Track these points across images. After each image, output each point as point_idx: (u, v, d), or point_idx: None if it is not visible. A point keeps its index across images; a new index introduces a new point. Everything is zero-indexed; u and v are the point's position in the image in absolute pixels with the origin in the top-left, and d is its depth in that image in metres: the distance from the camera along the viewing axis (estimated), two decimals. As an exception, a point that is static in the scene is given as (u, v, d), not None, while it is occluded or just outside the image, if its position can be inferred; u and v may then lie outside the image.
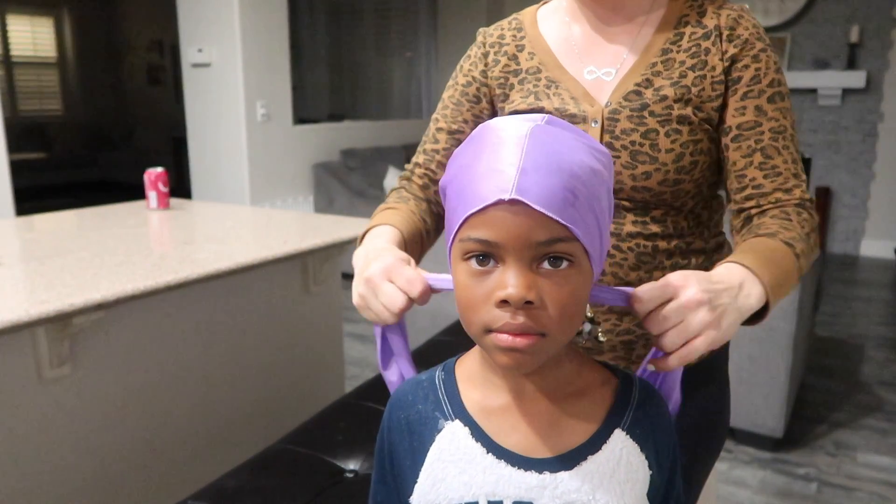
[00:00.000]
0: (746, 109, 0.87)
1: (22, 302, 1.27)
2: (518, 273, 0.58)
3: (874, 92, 5.05)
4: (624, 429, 0.68)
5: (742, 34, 0.88)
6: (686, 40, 0.89)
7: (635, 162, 0.87)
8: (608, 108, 0.89)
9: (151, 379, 1.73)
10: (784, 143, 0.87)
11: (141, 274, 1.46)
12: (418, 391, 0.73)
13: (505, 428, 0.68)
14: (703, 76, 0.88)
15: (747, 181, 0.88)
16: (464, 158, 0.63)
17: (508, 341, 0.59)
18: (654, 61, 0.89)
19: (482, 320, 0.60)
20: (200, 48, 4.20)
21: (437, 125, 1.04)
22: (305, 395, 2.17)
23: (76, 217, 2.16)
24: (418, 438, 0.70)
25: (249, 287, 1.97)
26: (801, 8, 5.14)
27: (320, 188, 4.68)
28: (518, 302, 0.57)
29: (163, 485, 1.76)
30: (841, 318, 3.81)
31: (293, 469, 1.37)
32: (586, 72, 0.93)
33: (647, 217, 0.89)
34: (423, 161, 1.05)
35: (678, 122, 0.87)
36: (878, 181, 5.16)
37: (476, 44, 1.03)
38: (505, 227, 0.57)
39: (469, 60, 1.03)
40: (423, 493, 0.69)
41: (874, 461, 2.35)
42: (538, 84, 0.95)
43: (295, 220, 2.19)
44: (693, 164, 0.87)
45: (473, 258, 0.60)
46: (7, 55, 8.09)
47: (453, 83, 1.04)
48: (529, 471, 0.66)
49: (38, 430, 1.49)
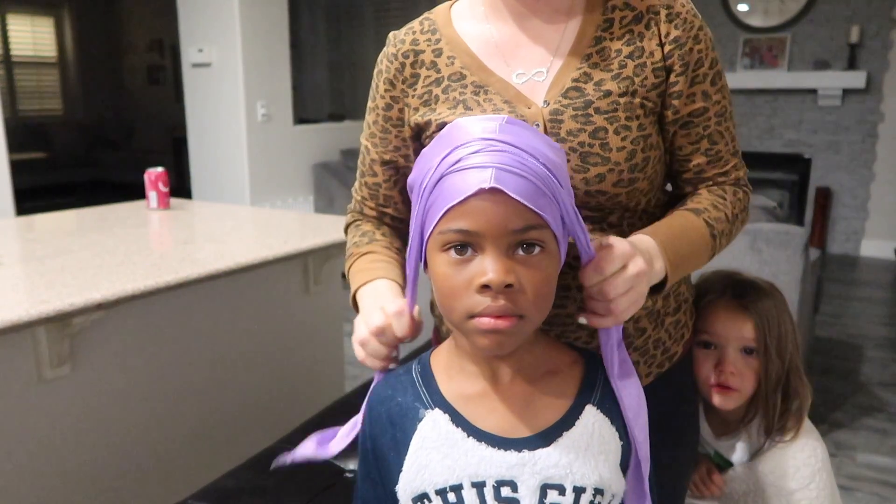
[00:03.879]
0: (695, 96, 0.84)
1: (22, 302, 1.27)
2: (496, 259, 0.62)
3: (874, 92, 5.04)
4: (594, 404, 0.73)
5: (680, 12, 0.82)
6: (617, 26, 0.83)
7: (586, 164, 0.80)
8: (547, 107, 0.81)
9: (151, 379, 1.72)
10: (726, 124, 0.87)
11: (141, 274, 1.46)
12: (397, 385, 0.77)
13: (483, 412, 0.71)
14: (644, 64, 0.82)
15: (691, 167, 0.88)
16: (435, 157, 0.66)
17: (490, 324, 0.63)
18: (589, 52, 0.82)
19: (464, 306, 0.64)
20: (201, 48, 4.20)
21: (371, 156, 0.95)
22: (305, 395, 2.17)
23: (76, 217, 2.16)
24: (400, 430, 0.73)
25: (249, 287, 1.97)
26: (801, 8, 5.14)
27: (320, 188, 4.68)
28: (499, 286, 0.62)
29: (163, 485, 1.76)
30: (841, 318, 3.81)
31: (293, 469, 1.37)
32: (515, 75, 0.84)
33: (603, 223, 0.84)
34: (368, 195, 0.98)
35: (626, 118, 0.80)
36: (878, 181, 5.16)
37: (387, 55, 0.91)
38: (484, 216, 0.62)
39: (383, 77, 0.91)
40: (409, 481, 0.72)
41: (874, 461, 2.35)
42: (464, 91, 0.84)
43: (295, 220, 2.19)
44: (646, 160, 0.82)
45: (452, 248, 0.64)
46: (7, 55, 8.09)
47: (373, 105, 0.94)
48: (509, 450, 0.69)
49: (38, 430, 1.49)
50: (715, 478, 1.10)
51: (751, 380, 1.04)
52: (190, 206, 2.39)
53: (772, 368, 1.03)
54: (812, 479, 1.03)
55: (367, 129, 0.96)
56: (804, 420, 1.06)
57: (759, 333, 1.03)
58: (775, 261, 2.21)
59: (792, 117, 5.32)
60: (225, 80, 4.19)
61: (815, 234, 5.21)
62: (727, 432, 1.11)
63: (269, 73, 4.29)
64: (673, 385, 0.94)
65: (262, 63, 4.24)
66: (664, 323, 0.90)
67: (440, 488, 0.70)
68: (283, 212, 2.35)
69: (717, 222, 0.84)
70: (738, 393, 1.05)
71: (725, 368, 1.03)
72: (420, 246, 0.69)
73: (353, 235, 0.98)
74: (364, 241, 0.95)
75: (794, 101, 5.29)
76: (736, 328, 1.04)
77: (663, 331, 0.91)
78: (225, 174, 4.35)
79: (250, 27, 4.12)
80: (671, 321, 0.92)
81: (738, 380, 1.04)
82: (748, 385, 1.04)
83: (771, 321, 1.04)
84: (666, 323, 0.91)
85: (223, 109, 4.24)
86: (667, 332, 0.91)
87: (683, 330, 0.95)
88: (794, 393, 1.05)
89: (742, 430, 1.09)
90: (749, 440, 1.08)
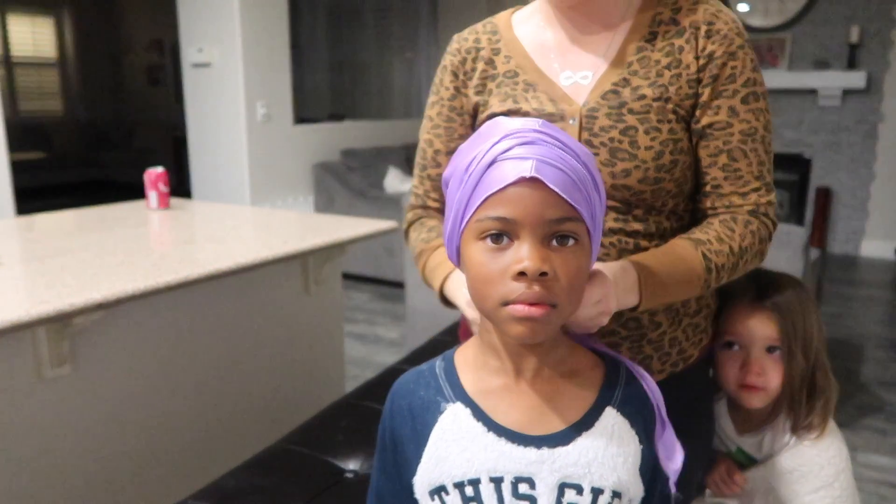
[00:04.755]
0: (720, 109, 0.87)
1: (22, 302, 1.27)
2: (533, 247, 0.64)
3: (874, 92, 5.04)
4: (615, 406, 0.73)
5: (721, 29, 0.87)
6: (660, 39, 0.88)
7: (614, 159, 0.86)
8: (586, 106, 0.88)
9: (151, 379, 1.72)
10: (753, 145, 0.88)
11: (141, 274, 1.46)
12: (419, 380, 0.77)
13: (504, 407, 0.72)
14: (679, 74, 0.87)
15: (708, 179, 0.90)
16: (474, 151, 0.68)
17: (525, 311, 0.64)
18: (631, 61, 0.89)
19: (499, 293, 0.65)
20: (201, 48, 4.20)
21: (434, 147, 1.02)
22: (305, 395, 2.17)
23: (76, 217, 2.16)
24: (421, 422, 0.74)
25: (249, 287, 1.97)
26: (802, 8, 5.14)
27: (320, 188, 4.68)
28: (534, 273, 0.63)
29: (163, 485, 1.76)
30: (841, 318, 3.81)
31: (293, 469, 1.37)
32: (563, 77, 0.92)
33: (628, 215, 0.89)
34: (432, 187, 1.03)
35: (658, 120, 0.86)
36: (879, 181, 5.16)
37: (451, 52, 1.00)
38: (522, 204, 0.64)
39: (447, 71, 1.00)
40: (427, 472, 0.72)
41: (874, 461, 2.35)
42: (516, 87, 0.93)
43: (295, 220, 2.19)
44: (673, 163, 0.87)
45: (489, 237, 0.66)
46: (7, 55, 8.08)
47: (437, 98, 1.01)
48: (528, 447, 0.70)
49: (38, 430, 1.49)
50: (736, 477, 1.10)
51: (776, 378, 1.04)
52: (190, 206, 2.39)
53: (796, 366, 1.03)
54: (836, 477, 1.03)
55: (428, 124, 1.03)
56: (830, 418, 1.06)
57: (782, 332, 1.03)
58: (775, 261, 2.20)
59: (792, 117, 5.32)
60: (225, 80, 4.19)
61: (815, 234, 5.21)
62: (751, 429, 1.11)
63: (269, 73, 4.29)
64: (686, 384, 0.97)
65: (262, 63, 4.24)
66: (682, 323, 0.94)
67: (458, 481, 0.70)
68: (283, 212, 2.35)
69: (716, 255, 0.85)
70: (764, 392, 1.05)
71: (751, 369, 1.03)
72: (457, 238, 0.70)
73: (419, 233, 1.02)
74: (433, 235, 0.99)
75: (794, 101, 5.29)
76: (759, 328, 1.03)
77: (680, 330, 0.94)
78: (225, 174, 4.35)
79: (250, 27, 4.12)
80: (689, 322, 0.95)
81: (764, 379, 1.04)
82: (774, 383, 1.04)
83: (795, 319, 1.03)
84: (683, 323, 0.94)
85: (223, 109, 4.24)
86: (684, 332, 0.94)
87: (702, 335, 0.98)
88: (819, 390, 1.05)
89: (768, 427, 1.09)
90: (774, 436, 1.08)
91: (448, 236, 0.72)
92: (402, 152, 5.22)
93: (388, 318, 3.81)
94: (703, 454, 1.06)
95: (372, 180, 4.75)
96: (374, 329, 3.64)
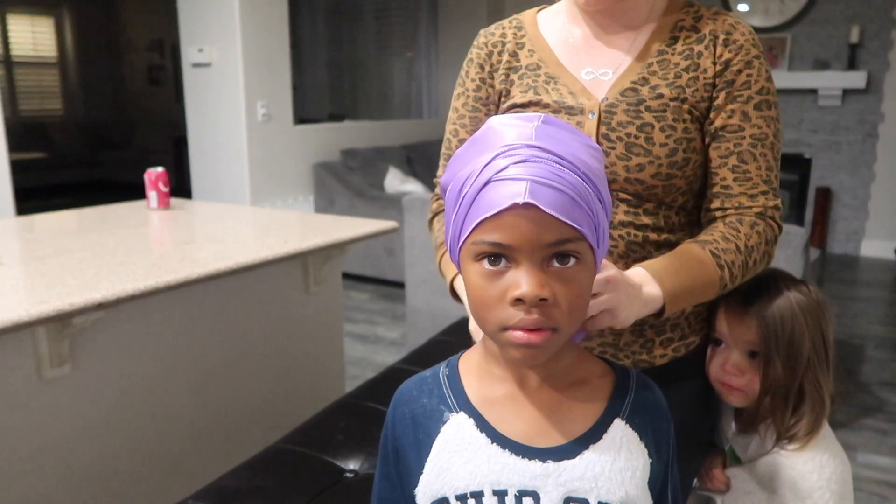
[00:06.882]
0: (733, 113, 0.90)
1: (22, 302, 1.27)
2: (530, 272, 0.61)
3: (874, 92, 5.04)
4: (623, 418, 0.70)
5: (738, 39, 0.91)
6: (681, 44, 0.93)
7: (630, 154, 0.89)
8: (605, 102, 0.92)
9: (151, 379, 1.72)
10: (762, 150, 0.91)
11: (141, 274, 1.46)
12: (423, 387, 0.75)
13: (508, 418, 0.70)
14: (696, 77, 0.91)
15: (717, 180, 0.93)
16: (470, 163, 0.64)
17: (524, 338, 0.62)
18: (651, 62, 0.92)
19: (497, 318, 0.63)
20: (201, 48, 4.20)
21: (459, 137, 1.04)
22: (305, 395, 2.17)
23: (76, 217, 2.16)
24: (424, 431, 0.72)
25: (249, 287, 1.97)
26: (802, 8, 5.14)
27: (320, 188, 4.68)
28: (532, 300, 0.60)
29: (163, 485, 1.76)
30: (841, 318, 3.81)
31: (293, 469, 1.37)
32: (584, 72, 0.95)
33: (639, 209, 0.92)
34: None
35: (673, 119, 0.89)
36: (879, 181, 5.16)
37: (477, 45, 1.03)
38: (518, 230, 0.60)
39: (474, 64, 1.03)
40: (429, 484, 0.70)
41: (874, 461, 2.35)
42: (537, 80, 0.96)
43: (295, 220, 2.19)
44: (686, 160, 0.90)
45: (486, 259, 0.63)
46: (7, 55, 8.08)
47: (463, 90, 1.04)
48: (533, 459, 0.67)
49: (38, 429, 1.49)
50: (715, 472, 1.10)
51: (756, 382, 1.03)
52: (190, 206, 2.38)
53: (773, 375, 1.01)
54: (809, 494, 1.00)
55: (454, 115, 1.06)
56: (816, 434, 1.03)
57: (762, 339, 1.01)
58: (775, 261, 2.20)
59: (792, 117, 5.32)
60: (225, 80, 4.19)
61: (816, 234, 5.21)
62: (748, 430, 1.11)
63: (269, 73, 4.29)
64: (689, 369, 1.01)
65: (262, 63, 4.24)
66: (685, 310, 0.97)
67: (460, 493, 0.68)
68: (283, 212, 2.35)
69: (724, 253, 0.87)
70: (743, 393, 1.04)
71: (728, 369, 1.03)
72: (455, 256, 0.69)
73: (441, 223, 1.04)
74: None
75: (794, 100, 5.29)
76: (739, 330, 1.02)
77: (683, 318, 0.98)
78: (225, 174, 4.35)
79: (250, 27, 4.12)
80: (692, 311, 0.99)
81: (743, 381, 1.03)
82: (754, 387, 1.03)
83: (781, 329, 1.01)
84: (686, 311, 0.98)
85: (223, 109, 4.24)
86: (686, 320, 0.99)
87: (703, 323, 1.03)
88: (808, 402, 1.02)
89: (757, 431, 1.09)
90: (761, 441, 1.07)
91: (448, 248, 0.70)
92: (402, 152, 5.22)
93: (388, 318, 3.81)
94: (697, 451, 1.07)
95: (372, 180, 4.75)
96: (374, 329, 3.64)
